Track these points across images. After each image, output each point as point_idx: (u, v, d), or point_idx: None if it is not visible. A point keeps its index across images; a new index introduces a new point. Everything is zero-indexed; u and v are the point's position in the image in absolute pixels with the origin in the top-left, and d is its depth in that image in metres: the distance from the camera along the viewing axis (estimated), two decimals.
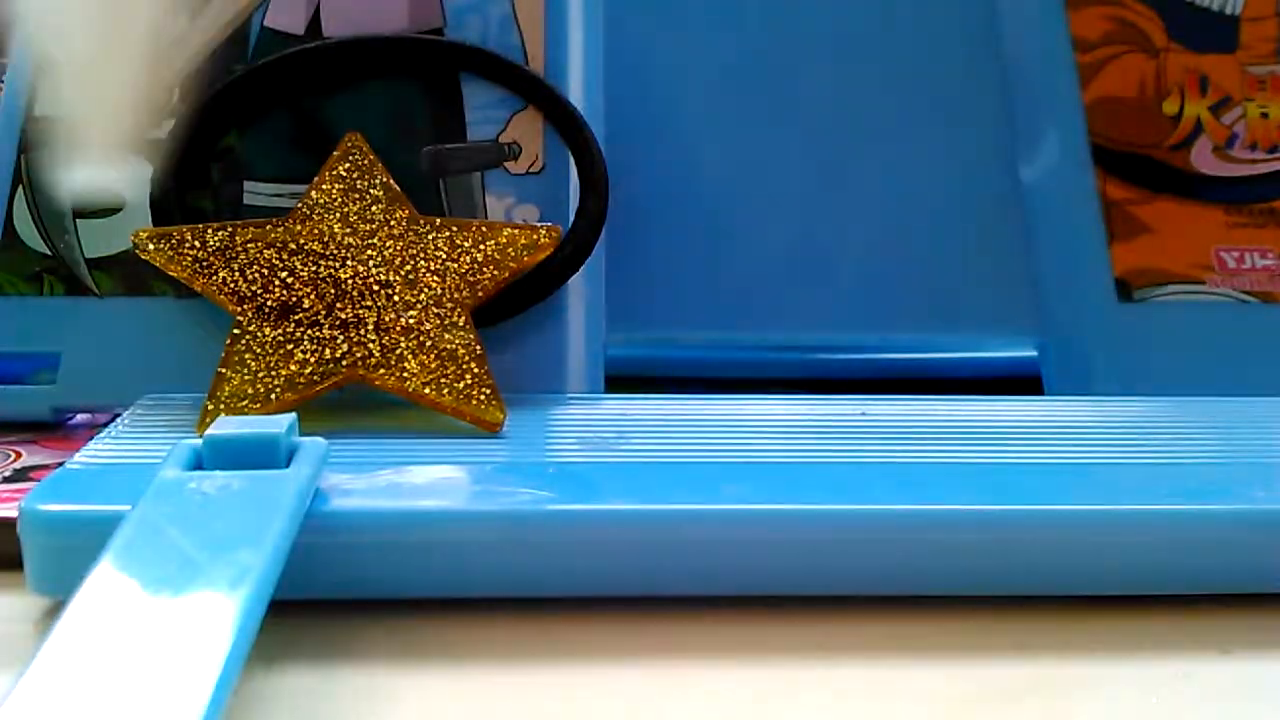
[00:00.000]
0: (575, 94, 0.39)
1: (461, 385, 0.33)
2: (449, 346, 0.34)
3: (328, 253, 0.34)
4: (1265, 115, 0.41)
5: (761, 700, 0.25)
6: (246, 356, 0.33)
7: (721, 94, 0.42)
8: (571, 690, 0.25)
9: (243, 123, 0.38)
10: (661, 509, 0.28)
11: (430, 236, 0.35)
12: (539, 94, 0.38)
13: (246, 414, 0.32)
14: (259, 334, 0.33)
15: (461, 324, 0.34)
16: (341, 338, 0.33)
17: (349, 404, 0.34)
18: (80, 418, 0.38)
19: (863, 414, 0.35)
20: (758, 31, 0.43)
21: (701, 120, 0.42)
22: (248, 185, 0.37)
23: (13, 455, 0.34)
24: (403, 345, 0.33)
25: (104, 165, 0.37)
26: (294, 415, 0.28)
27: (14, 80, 0.38)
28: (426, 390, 0.33)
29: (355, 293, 0.34)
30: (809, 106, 0.42)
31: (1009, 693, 0.25)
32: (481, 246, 0.35)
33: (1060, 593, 0.28)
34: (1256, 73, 0.42)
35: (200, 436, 0.28)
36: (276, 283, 0.34)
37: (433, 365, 0.33)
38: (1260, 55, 0.42)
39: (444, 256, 0.34)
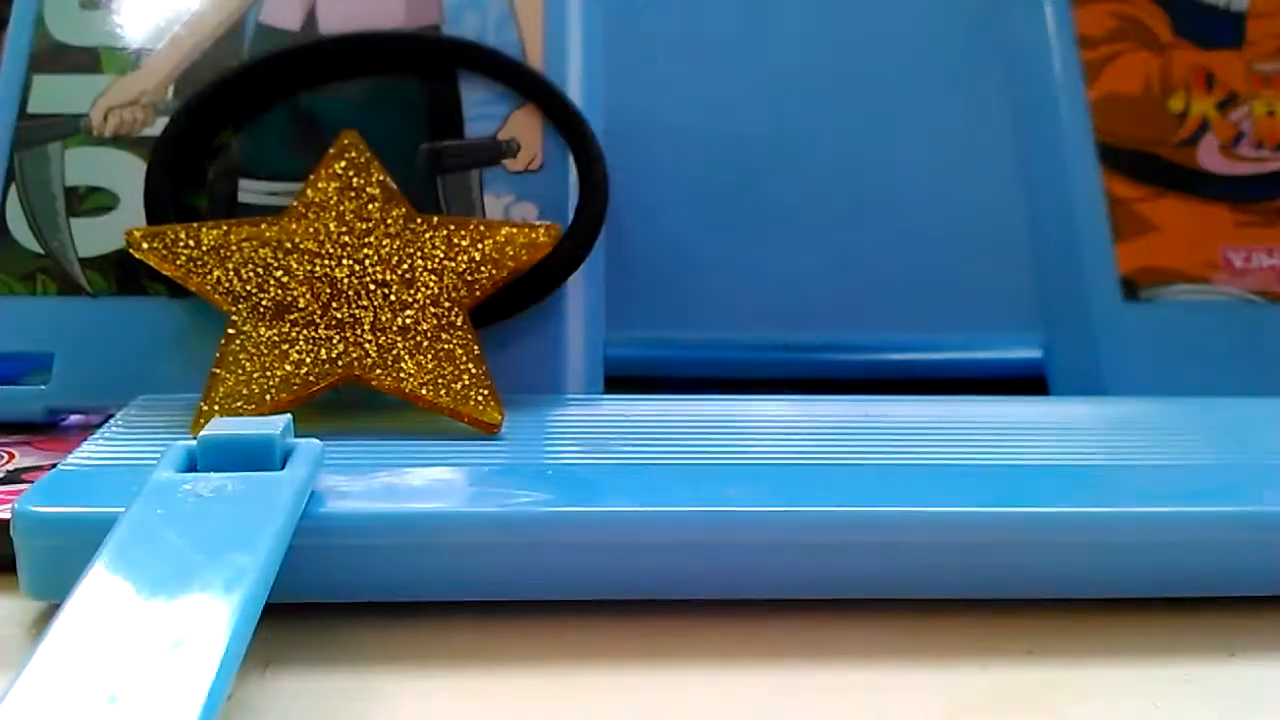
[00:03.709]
0: (574, 91, 0.38)
1: (459, 386, 0.33)
2: (446, 346, 0.33)
3: (323, 252, 0.34)
4: (1272, 113, 0.41)
5: (762, 703, 0.25)
6: (241, 357, 0.33)
7: (723, 93, 0.42)
8: (570, 693, 0.25)
9: (237, 120, 0.38)
10: (661, 510, 0.28)
11: (427, 235, 0.34)
12: (538, 91, 0.38)
13: (241, 415, 0.32)
14: (254, 334, 0.33)
15: (459, 324, 0.34)
16: (337, 338, 0.33)
17: (345, 405, 0.33)
18: (74, 419, 0.37)
19: (865, 415, 0.34)
20: (760, 31, 0.43)
21: (702, 119, 0.42)
22: (242, 183, 0.37)
23: (6, 456, 0.34)
24: (399, 345, 0.33)
25: None
26: (289, 416, 0.28)
27: (7, 76, 0.38)
28: (424, 391, 0.33)
29: (351, 292, 0.34)
30: (811, 106, 0.42)
31: (1012, 696, 0.25)
32: (479, 245, 0.34)
33: (1064, 595, 0.28)
34: (1263, 70, 0.42)
35: (194, 438, 0.27)
36: (272, 282, 0.34)
37: (430, 365, 0.33)
38: (1267, 52, 0.42)
39: (441, 255, 0.34)
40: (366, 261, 0.34)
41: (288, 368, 0.33)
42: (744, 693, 0.25)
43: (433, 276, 0.34)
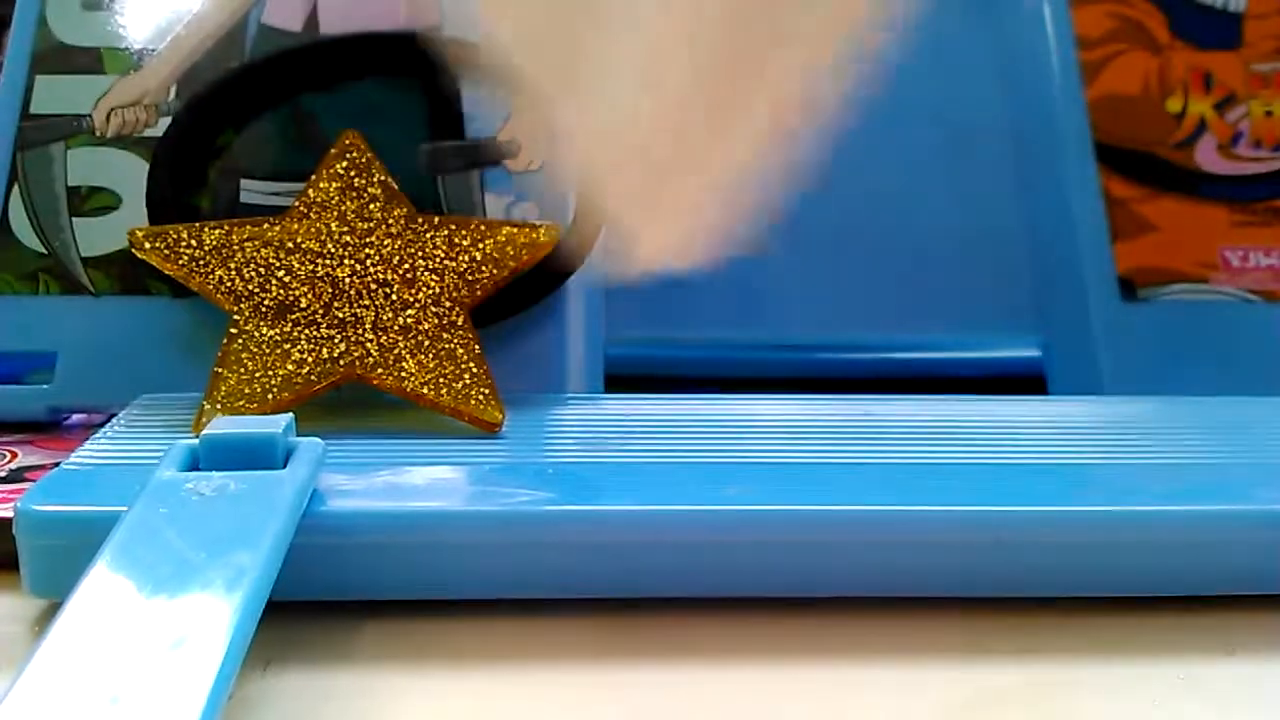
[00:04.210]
0: None
1: (460, 385, 0.33)
2: (447, 346, 0.33)
3: (325, 251, 0.34)
4: (1269, 113, 0.41)
5: (761, 703, 0.25)
6: (243, 356, 0.33)
7: None
8: (570, 692, 0.25)
9: (239, 120, 0.38)
10: (661, 510, 0.28)
11: (428, 235, 0.34)
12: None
13: (243, 414, 0.32)
14: (256, 333, 0.33)
15: (460, 323, 0.34)
16: (339, 337, 0.33)
17: (346, 404, 0.33)
18: (76, 418, 0.37)
19: (865, 414, 0.34)
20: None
21: None
22: (244, 183, 0.37)
23: (9, 455, 0.34)
24: (401, 345, 0.33)
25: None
26: (291, 415, 0.28)
27: (10, 76, 0.38)
28: (425, 390, 0.33)
29: (353, 292, 0.34)
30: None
31: (1012, 694, 0.25)
32: (480, 245, 0.34)
33: (1063, 594, 0.28)
34: (1260, 70, 0.42)
35: (197, 437, 0.27)
36: (273, 282, 0.34)
37: (431, 365, 0.33)
38: (1264, 53, 0.42)
39: (442, 255, 0.34)
40: (368, 261, 0.34)
41: (289, 367, 0.33)
42: (743, 692, 0.25)
43: (434, 276, 0.34)
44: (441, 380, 0.33)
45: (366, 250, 0.34)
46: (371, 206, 0.35)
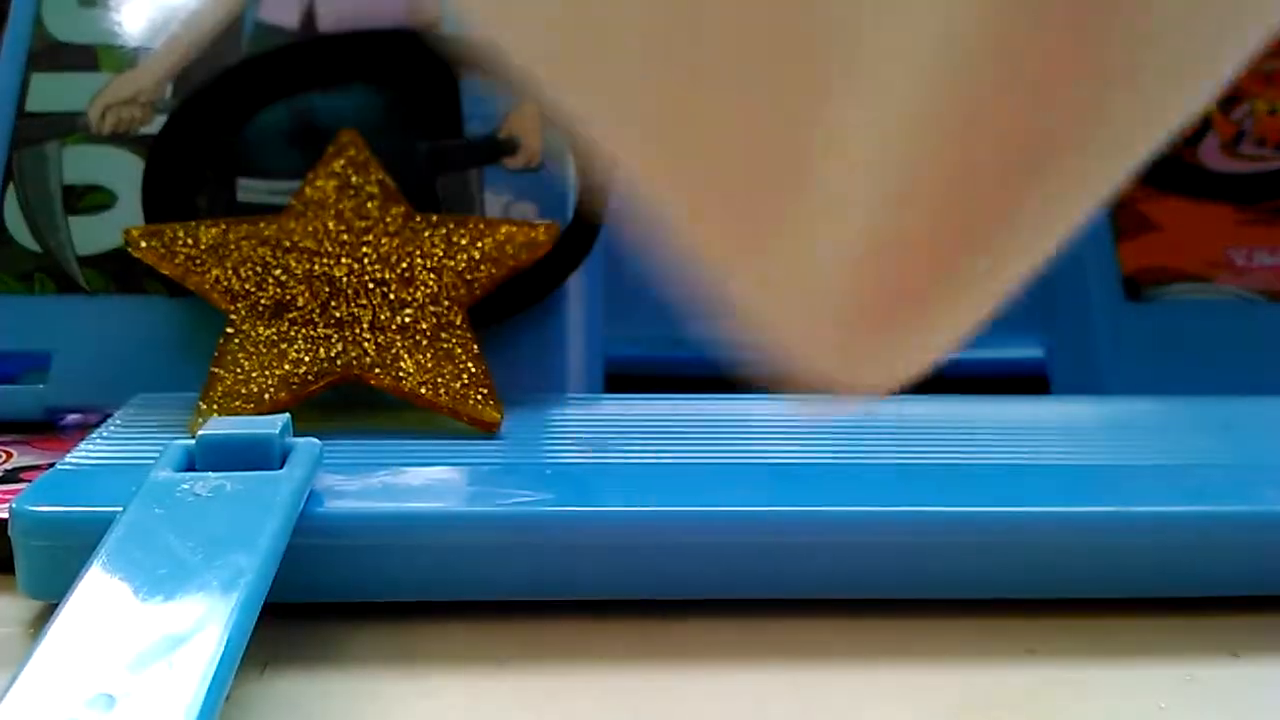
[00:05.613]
0: None
1: (458, 385, 0.33)
2: (445, 345, 0.33)
3: (322, 250, 0.34)
4: (1273, 112, 0.41)
5: (761, 704, 0.25)
6: (240, 356, 0.33)
7: None
8: (569, 694, 0.25)
9: (236, 118, 0.37)
10: (661, 511, 0.28)
11: (426, 234, 0.34)
12: None
13: (240, 414, 0.31)
14: (252, 333, 0.33)
15: (458, 323, 0.34)
16: (336, 336, 0.33)
17: (344, 404, 0.33)
18: (72, 418, 0.37)
19: (865, 414, 0.34)
20: None
21: None
22: (241, 181, 0.37)
23: (4, 456, 0.34)
24: (398, 344, 0.33)
25: None
26: (288, 415, 0.28)
27: (5, 74, 0.38)
28: (422, 390, 0.33)
29: (350, 291, 0.33)
30: None
31: (1014, 696, 0.25)
32: (478, 244, 0.34)
33: (1066, 595, 0.28)
34: (1265, 69, 0.42)
35: (193, 437, 0.27)
36: (270, 281, 0.33)
37: (429, 364, 0.33)
38: (1268, 51, 0.42)
39: (440, 254, 0.34)
40: (365, 260, 0.34)
41: (286, 367, 0.33)
42: (743, 693, 0.25)
43: (432, 275, 0.34)
44: (439, 380, 0.33)
45: (364, 249, 0.34)
46: (369, 205, 0.35)
